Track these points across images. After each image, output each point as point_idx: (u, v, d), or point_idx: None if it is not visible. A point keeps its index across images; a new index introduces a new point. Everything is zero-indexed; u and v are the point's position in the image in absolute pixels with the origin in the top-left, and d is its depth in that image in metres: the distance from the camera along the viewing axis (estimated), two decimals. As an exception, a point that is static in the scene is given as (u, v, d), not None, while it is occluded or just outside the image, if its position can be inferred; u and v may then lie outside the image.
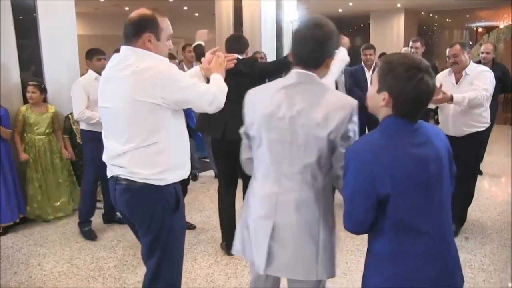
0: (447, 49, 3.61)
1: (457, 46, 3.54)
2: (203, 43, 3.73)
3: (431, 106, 3.75)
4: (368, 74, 5.21)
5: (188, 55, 5.70)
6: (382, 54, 7.79)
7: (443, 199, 1.43)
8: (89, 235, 3.76)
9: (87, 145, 3.81)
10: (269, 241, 1.65)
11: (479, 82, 3.42)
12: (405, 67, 1.35)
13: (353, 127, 1.61)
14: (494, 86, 3.50)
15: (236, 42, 3.36)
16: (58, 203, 4.18)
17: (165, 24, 1.89)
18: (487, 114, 3.59)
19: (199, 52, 3.67)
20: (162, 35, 1.88)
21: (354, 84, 5.21)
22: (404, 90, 1.35)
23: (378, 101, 1.43)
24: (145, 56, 1.83)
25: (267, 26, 7.02)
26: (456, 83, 3.60)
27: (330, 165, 1.65)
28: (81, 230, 3.83)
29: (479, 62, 5.20)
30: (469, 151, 3.60)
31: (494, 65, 5.15)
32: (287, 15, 7.33)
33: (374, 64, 5.23)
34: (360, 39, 13.09)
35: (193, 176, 5.54)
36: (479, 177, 5.32)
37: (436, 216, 1.42)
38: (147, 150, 1.82)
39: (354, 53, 4.11)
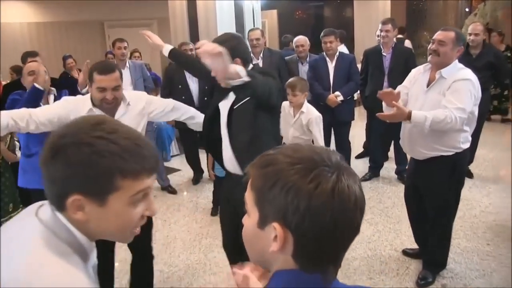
0: (438, 32, 2.58)
1: (452, 33, 2.51)
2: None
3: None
4: (331, 65, 4.32)
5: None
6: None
7: None
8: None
9: None
10: None
11: (453, 97, 2.43)
12: (301, 167, 0.71)
13: None
14: (478, 99, 2.53)
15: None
16: None
17: None
18: (461, 137, 2.57)
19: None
20: None
21: (314, 77, 4.35)
22: (311, 212, 0.69)
23: (265, 244, 0.75)
24: None
25: (223, 7, 6.06)
26: (428, 86, 2.62)
27: None
28: None
29: (467, 46, 4.27)
30: (431, 183, 2.66)
31: (485, 49, 4.21)
32: (247, -6, 6.33)
33: (337, 54, 4.33)
34: (350, 10, 12.03)
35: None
36: (468, 183, 4.49)
37: None
38: None
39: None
